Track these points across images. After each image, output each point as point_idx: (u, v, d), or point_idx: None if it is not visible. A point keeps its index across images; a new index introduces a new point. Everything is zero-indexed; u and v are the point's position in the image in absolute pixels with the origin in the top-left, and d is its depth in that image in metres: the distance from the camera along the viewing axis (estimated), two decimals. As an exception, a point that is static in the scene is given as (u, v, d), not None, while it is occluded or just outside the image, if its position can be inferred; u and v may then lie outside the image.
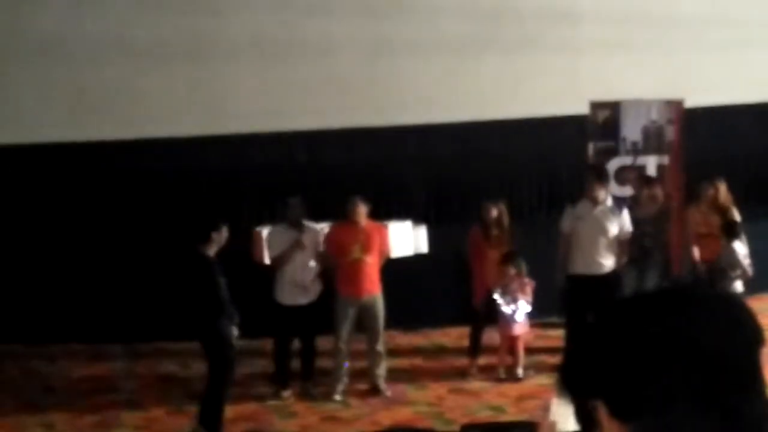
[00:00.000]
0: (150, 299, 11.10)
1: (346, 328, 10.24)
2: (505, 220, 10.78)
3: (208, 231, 9.17)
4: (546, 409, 6.34)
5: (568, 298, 10.72)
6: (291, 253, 10.10)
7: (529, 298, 10.50)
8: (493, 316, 10.69)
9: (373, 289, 10.27)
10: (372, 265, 10.22)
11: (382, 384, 10.38)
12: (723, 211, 11.02)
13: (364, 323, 10.34)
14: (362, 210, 10.18)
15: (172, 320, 10.46)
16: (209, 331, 9.18)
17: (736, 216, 11.03)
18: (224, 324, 9.14)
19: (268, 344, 10.64)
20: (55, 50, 11.76)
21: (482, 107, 12.19)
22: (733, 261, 10.60)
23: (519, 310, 10.53)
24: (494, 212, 10.71)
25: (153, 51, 11.92)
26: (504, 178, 12.41)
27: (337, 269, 10.26)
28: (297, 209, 10.19)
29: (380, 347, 10.38)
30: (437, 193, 12.45)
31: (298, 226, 10.18)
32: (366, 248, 10.15)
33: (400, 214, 10.96)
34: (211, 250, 9.18)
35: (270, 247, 10.19)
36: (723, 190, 11.10)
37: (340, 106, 12.01)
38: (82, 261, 11.98)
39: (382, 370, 10.41)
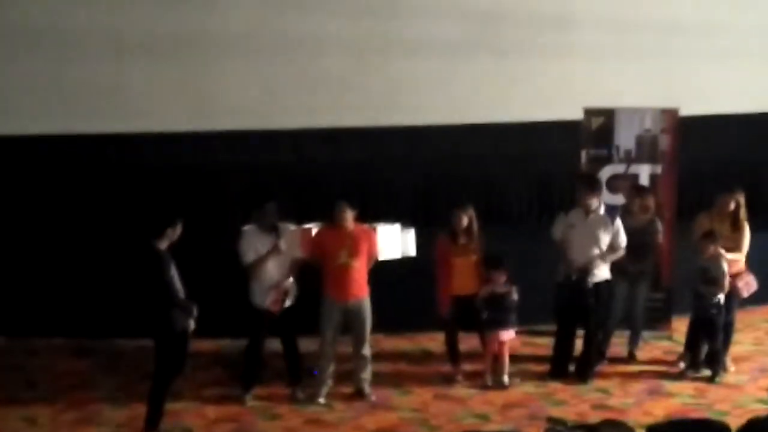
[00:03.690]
0: (133, 296, 10.95)
1: (331, 331, 10.15)
2: (475, 227, 10.67)
3: (162, 226, 9.12)
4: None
5: (557, 306, 10.66)
6: (267, 258, 10.00)
7: (515, 303, 10.44)
8: (465, 322, 10.63)
9: (360, 293, 10.17)
10: (359, 270, 10.12)
11: (367, 388, 10.29)
12: (732, 223, 10.84)
13: (349, 327, 10.24)
14: (349, 215, 10.07)
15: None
16: (159, 325, 9.12)
17: (745, 230, 10.86)
18: (175, 318, 9.07)
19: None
20: (44, 42, 11.65)
21: (474, 110, 12.12)
22: (715, 271, 10.56)
23: (507, 315, 10.48)
24: (465, 220, 10.62)
25: (142, 45, 11.84)
26: (494, 183, 12.36)
27: (323, 272, 10.16)
28: (272, 213, 10.05)
29: (365, 352, 10.29)
30: (426, 196, 12.36)
31: (273, 230, 10.07)
32: (353, 253, 10.05)
33: (388, 217, 10.83)
34: (163, 244, 9.12)
35: (244, 250, 10.05)
36: (737, 203, 10.89)
37: (329, 105, 11.93)
38: (66, 255, 11.90)
39: (366, 375, 10.33)
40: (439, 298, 10.66)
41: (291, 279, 10.13)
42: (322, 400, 10.13)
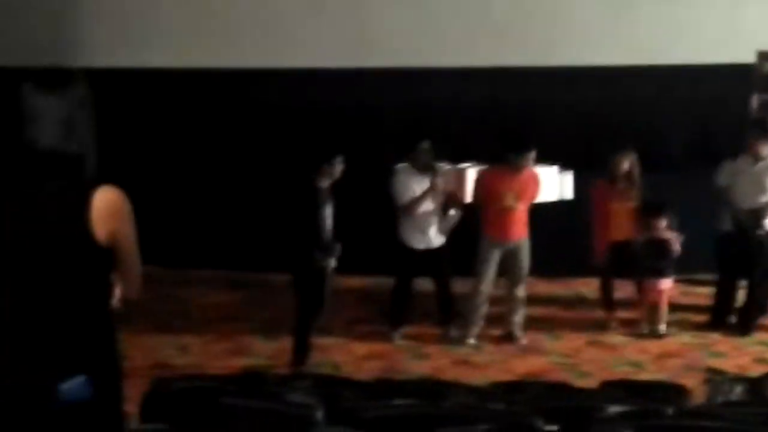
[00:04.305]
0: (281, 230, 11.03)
1: (488, 271, 10.03)
2: (635, 172, 10.42)
3: (319, 162, 9.09)
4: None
5: (721, 255, 10.35)
6: (423, 198, 9.88)
7: (677, 252, 10.15)
8: (621, 268, 10.47)
9: (521, 233, 10.04)
10: (522, 211, 10.00)
11: (518, 331, 10.19)
12: None
13: (506, 267, 10.11)
14: (531, 161, 9.90)
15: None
16: (298, 261, 9.16)
17: None
18: (315, 255, 9.09)
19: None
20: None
21: (640, 52, 11.79)
22: None
23: (667, 263, 10.21)
24: (625, 165, 10.38)
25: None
26: (657, 128, 12.03)
27: (483, 212, 10.03)
28: (426, 153, 9.90)
29: (520, 293, 10.15)
30: (586, 139, 12.08)
31: (428, 170, 9.92)
32: (520, 196, 9.91)
33: (546, 159, 10.61)
34: (322, 182, 9.10)
35: (399, 190, 9.94)
36: None
37: (490, 44, 11.76)
38: (224, 188, 12.08)
39: (519, 317, 10.21)
40: (595, 243, 10.50)
41: (452, 213, 10.05)
42: (472, 341, 10.07)
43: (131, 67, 11.91)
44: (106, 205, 4.00)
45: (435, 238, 10.03)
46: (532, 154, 9.84)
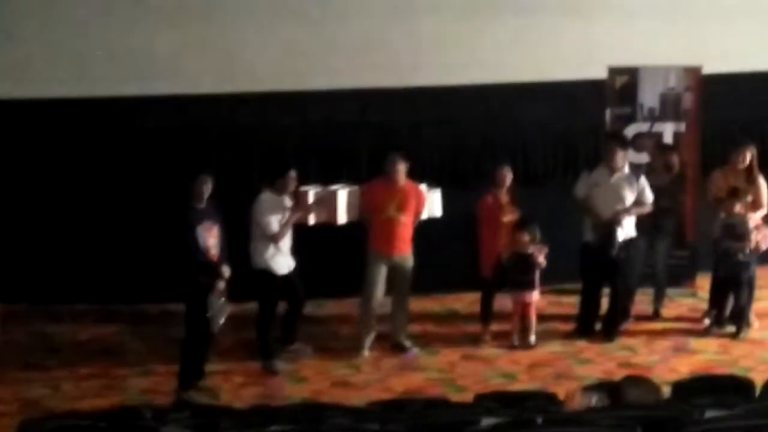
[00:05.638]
0: (158, 259, 10.97)
1: (378, 287, 10.29)
2: (513, 185, 10.72)
3: (187, 184, 9.15)
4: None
5: (584, 264, 10.67)
6: (290, 223, 9.99)
7: (543, 263, 10.44)
8: (503, 282, 10.66)
9: (405, 248, 10.34)
10: (406, 225, 10.29)
11: (408, 342, 10.48)
12: (747, 177, 10.84)
13: (393, 282, 10.38)
14: (402, 168, 10.20)
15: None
16: (183, 284, 9.19)
17: (762, 183, 10.84)
18: (200, 280, 9.11)
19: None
20: (66, 5, 11.65)
21: (498, 70, 12.04)
22: (741, 228, 10.55)
23: (533, 276, 10.48)
24: (508, 179, 10.64)
25: (166, 7, 11.80)
26: (518, 142, 12.31)
27: (370, 227, 10.28)
28: (294, 181, 10.01)
29: (406, 306, 10.48)
30: (451, 156, 12.34)
31: (288, 195, 10.04)
32: (401, 207, 10.19)
33: (413, 177, 10.83)
34: (196, 202, 9.14)
35: (267, 219, 9.91)
36: (750, 156, 10.88)
37: (355, 66, 11.89)
38: (89, 220, 11.87)
39: (407, 329, 10.51)
40: (483, 256, 10.71)
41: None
42: (366, 352, 10.37)
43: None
44: None
45: (292, 261, 10.12)
46: (400, 163, 10.18)
